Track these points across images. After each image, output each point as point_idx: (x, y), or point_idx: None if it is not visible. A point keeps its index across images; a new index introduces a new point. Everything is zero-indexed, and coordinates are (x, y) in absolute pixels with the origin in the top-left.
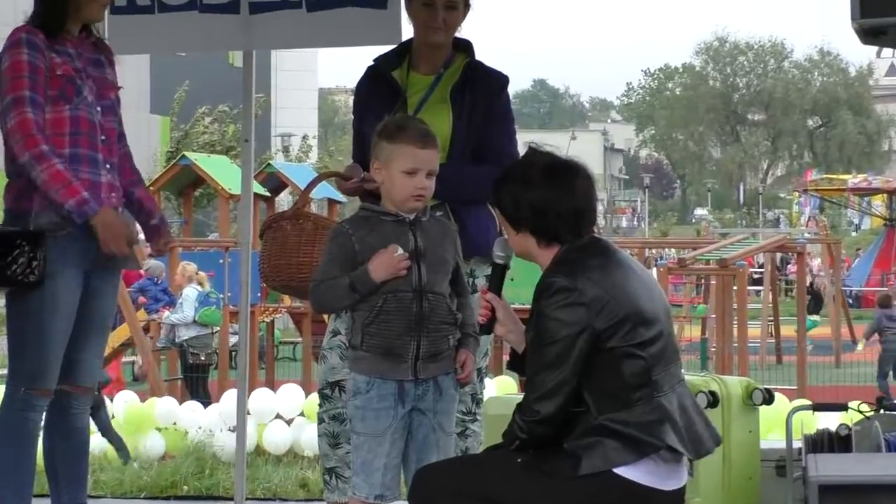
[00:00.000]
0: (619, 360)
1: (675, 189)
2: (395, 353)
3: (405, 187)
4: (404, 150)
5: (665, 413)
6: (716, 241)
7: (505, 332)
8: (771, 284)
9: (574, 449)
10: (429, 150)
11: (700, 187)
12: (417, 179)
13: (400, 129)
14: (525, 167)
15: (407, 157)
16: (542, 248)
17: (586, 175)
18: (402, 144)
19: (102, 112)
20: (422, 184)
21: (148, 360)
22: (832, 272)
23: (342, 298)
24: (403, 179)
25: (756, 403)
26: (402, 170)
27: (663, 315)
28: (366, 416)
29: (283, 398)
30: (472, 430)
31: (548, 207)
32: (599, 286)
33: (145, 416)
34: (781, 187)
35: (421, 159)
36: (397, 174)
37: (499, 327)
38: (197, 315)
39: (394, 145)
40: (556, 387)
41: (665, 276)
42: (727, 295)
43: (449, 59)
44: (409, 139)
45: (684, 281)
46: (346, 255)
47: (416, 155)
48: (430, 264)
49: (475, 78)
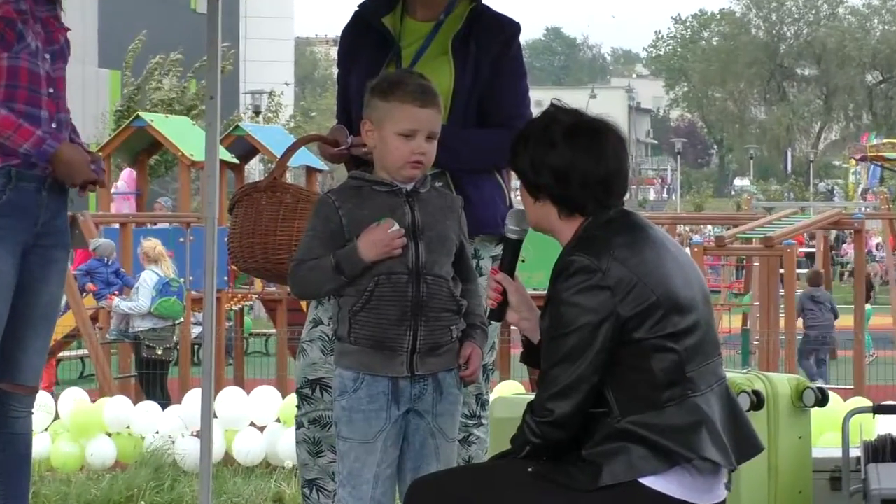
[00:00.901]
0: (648, 354)
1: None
2: (388, 345)
3: (401, 152)
4: (400, 109)
5: (701, 416)
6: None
7: (518, 320)
8: (824, 267)
9: (594, 456)
10: (429, 109)
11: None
12: (415, 143)
13: (395, 84)
14: (547, 125)
15: (403, 116)
16: (562, 220)
17: (617, 136)
18: (397, 102)
19: (51, 59)
20: (420, 148)
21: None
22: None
23: (326, 281)
24: (399, 143)
25: (807, 405)
26: (397, 131)
27: (701, 302)
28: (353, 420)
29: (256, 400)
30: (476, 435)
31: (572, 172)
32: (626, 267)
33: (94, 419)
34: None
35: (420, 119)
36: (392, 137)
37: (511, 313)
38: (153, 306)
39: (388, 103)
40: (573, 383)
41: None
42: (772, 279)
43: (450, 2)
44: (406, 96)
45: (722, 263)
46: (332, 231)
47: (413, 114)
48: (429, 242)
49: (481, 25)
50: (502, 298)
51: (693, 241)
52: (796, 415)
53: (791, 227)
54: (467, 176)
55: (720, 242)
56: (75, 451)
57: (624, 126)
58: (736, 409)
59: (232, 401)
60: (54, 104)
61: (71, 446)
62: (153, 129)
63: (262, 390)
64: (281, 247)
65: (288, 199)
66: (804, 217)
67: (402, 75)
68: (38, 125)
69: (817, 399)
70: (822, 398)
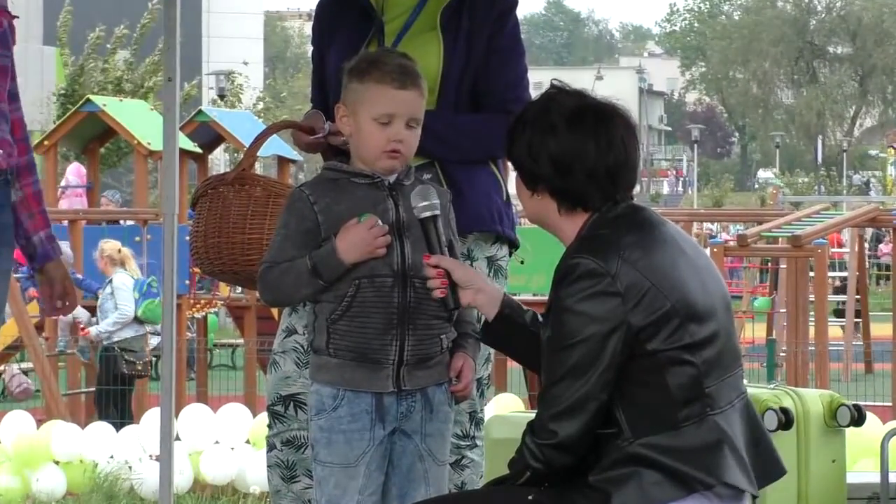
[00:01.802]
0: (663, 368)
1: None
2: (372, 357)
3: (376, 139)
4: (376, 92)
5: (722, 436)
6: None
7: (473, 297)
8: (859, 269)
9: (602, 483)
10: (408, 90)
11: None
12: (393, 129)
13: (372, 64)
14: (546, 109)
15: (379, 100)
16: (563, 216)
17: (626, 122)
18: (373, 84)
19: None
20: (398, 135)
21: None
22: None
23: (301, 286)
24: (374, 129)
25: (842, 424)
26: (372, 117)
27: (721, 309)
28: (333, 441)
29: (223, 419)
30: (469, 458)
31: (574, 162)
32: (638, 270)
33: (40, 448)
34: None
35: (397, 102)
36: (367, 122)
37: (464, 294)
38: (139, 310)
39: (363, 85)
40: (579, 401)
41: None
42: (801, 283)
43: None
44: (383, 77)
45: (745, 265)
46: (307, 229)
47: (391, 97)
48: (416, 241)
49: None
50: (448, 282)
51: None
52: (829, 435)
53: (822, 224)
54: (459, 167)
55: (742, 242)
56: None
57: (634, 111)
58: (757, 425)
59: (196, 420)
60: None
61: (14, 479)
62: (105, 115)
63: (230, 408)
64: (250, 247)
65: (258, 193)
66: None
67: (381, 54)
68: None
69: (853, 418)
70: (858, 417)
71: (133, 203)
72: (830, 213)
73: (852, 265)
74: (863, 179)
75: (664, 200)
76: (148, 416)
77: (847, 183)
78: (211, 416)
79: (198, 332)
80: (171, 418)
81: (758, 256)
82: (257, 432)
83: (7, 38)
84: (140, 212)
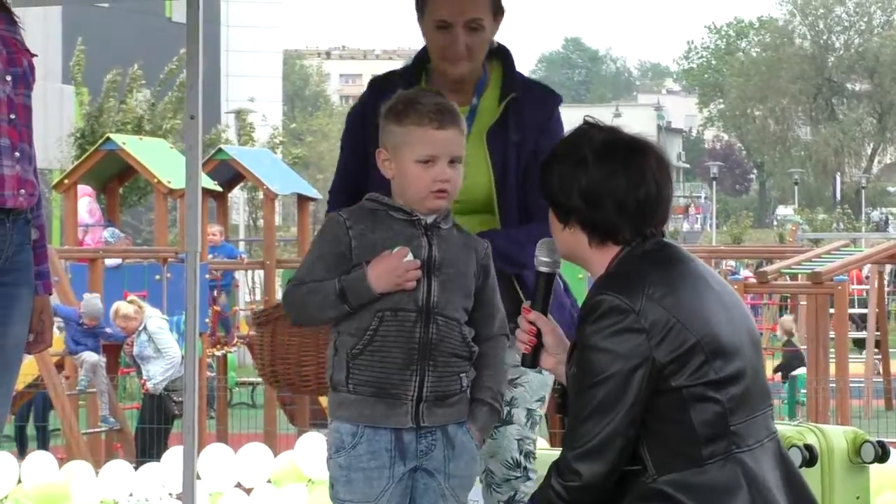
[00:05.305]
0: (687, 404)
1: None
2: (392, 392)
3: (422, 181)
4: (416, 134)
5: (747, 476)
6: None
7: (554, 364)
8: (879, 306)
9: None
10: (447, 130)
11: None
12: (437, 169)
13: (409, 105)
14: (578, 143)
15: (420, 141)
16: (594, 249)
17: (658, 157)
18: (412, 126)
19: (13, 83)
20: (443, 174)
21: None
22: None
23: (327, 307)
24: (418, 171)
25: (866, 461)
26: (415, 159)
27: (748, 345)
28: (352, 479)
29: (244, 458)
30: (524, 492)
31: (604, 194)
32: (662, 306)
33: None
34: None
35: (438, 143)
36: (410, 165)
37: (546, 357)
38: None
39: (403, 128)
40: (606, 440)
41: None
42: (822, 319)
43: (481, 83)
44: (421, 119)
45: (764, 302)
46: (340, 253)
47: (431, 138)
48: (445, 280)
49: (519, 109)
50: (536, 341)
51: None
52: (853, 471)
53: (842, 261)
54: None
55: (762, 278)
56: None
57: None
58: (790, 467)
59: (217, 459)
60: (16, 132)
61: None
62: (125, 153)
63: (252, 447)
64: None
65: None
66: (856, 250)
67: (418, 94)
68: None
69: (877, 454)
70: (882, 453)
71: (153, 242)
72: (850, 250)
73: (872, 301)
74: (882, 216)
75: (683, 237)
76: (168, 454)
77: (866, 220)
78: (231, 455)
79: (218, 371)
80: (193, 457)
81: (778, 293)
82: (278, 472)
83: (28, 77)
84: (160, 250)
